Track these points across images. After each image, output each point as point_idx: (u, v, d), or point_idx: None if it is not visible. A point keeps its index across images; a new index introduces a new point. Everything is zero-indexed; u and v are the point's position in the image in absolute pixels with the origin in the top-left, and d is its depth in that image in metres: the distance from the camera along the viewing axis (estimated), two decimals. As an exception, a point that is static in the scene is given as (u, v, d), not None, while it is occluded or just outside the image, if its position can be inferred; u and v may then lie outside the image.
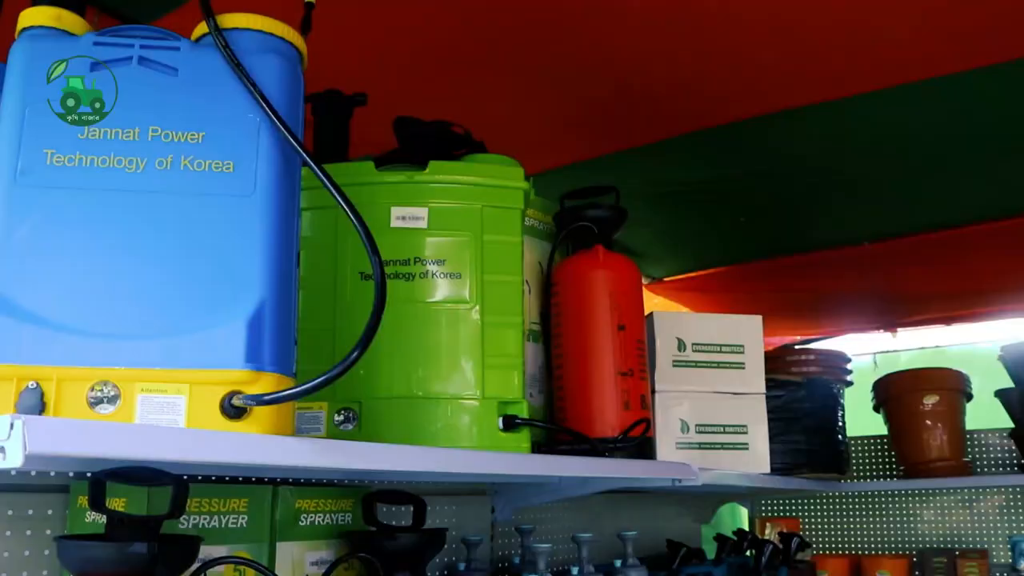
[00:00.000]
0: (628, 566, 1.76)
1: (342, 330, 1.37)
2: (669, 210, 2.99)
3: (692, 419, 2.12)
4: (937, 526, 3.76)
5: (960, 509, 3.73)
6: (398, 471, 1.10)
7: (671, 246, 3.34)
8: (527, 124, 2.33)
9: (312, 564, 1.30)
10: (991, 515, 3.69)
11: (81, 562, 0.96)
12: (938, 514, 3.76)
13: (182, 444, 0.85)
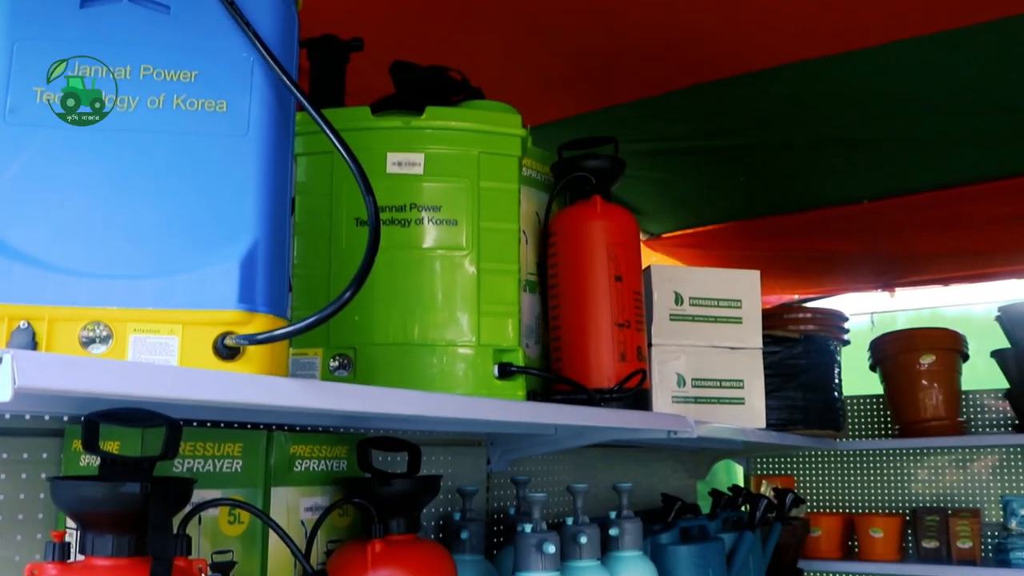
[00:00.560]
0: (623, 518, 1.76)
1: (337, 276, 1.36)
2: (668, 166, 2.97)
3: (688, 373, 2.11)
4: (930, 485, 3.78)
5: (953, 469, 3.75)
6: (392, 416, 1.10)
7: (669, 202, 3.33)
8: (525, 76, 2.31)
9: (307, 510, 1.30)
10: (984, 475, 3.71)
11: (74, 502, 0.96)
12: (931, 473, 3.79)
13: (174, 382, 0.84)
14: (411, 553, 1.24)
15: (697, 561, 1.94)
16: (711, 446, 2.98)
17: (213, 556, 1.19)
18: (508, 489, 2.05)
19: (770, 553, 2.40)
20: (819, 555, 3.54)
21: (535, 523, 1.48)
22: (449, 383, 1.33)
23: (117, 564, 0.95)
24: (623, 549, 1.74)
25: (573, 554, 1.59)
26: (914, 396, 3.49)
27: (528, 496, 1.50)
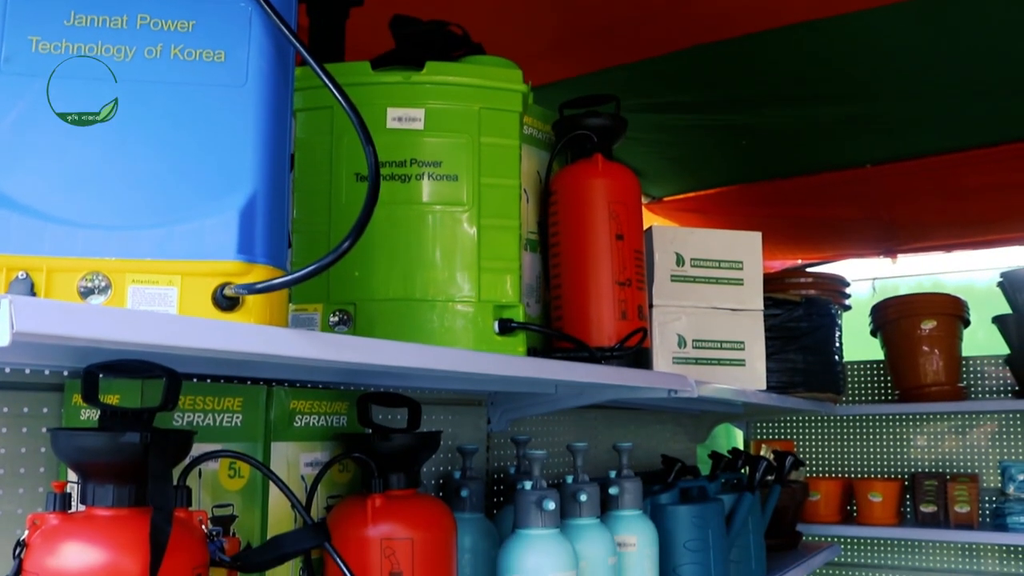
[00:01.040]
0: (623, 477, 1.76)
1: (337, 232, 1.35)
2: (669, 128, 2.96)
3: (689, 334, 2.11)
4: (929, 451, 3.80)
5: (952, 434, 3.77)
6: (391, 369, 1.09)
7: (671, 165, 3.32)
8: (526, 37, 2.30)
9: (307, 465, 1.30)
10: (983, 441, 3.72)
11: (75, 452, 0.96)
12: (931, 439, 3.80)
13: (173, 329, 0.84)
14: (411, 508, 1.24)
15: (696, 521, 1.94)
16: (711, 409, 2.99)
17: (213, 510, 1.19)
18: (508, 449, 2.06)
19: (769, 515, 2.41)
20: (818, 519, 3.56)
21: (535, 480, 1.49)
22: (449, 339, 1.33)
23: (118, 514, 0.95)
24: (623, 508, 1.75)
25: (573, 512, 1.60)
26: (914, 361, 3.49)
27: (528, 453, 1.50)
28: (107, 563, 0.90)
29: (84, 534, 0.93)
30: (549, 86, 2.41)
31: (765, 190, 3.50)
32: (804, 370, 2.60)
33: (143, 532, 0.91)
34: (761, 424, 4.03)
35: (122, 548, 0.91)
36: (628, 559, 1.70)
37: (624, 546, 1.70)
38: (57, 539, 0.92)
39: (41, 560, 0.91)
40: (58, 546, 0.91)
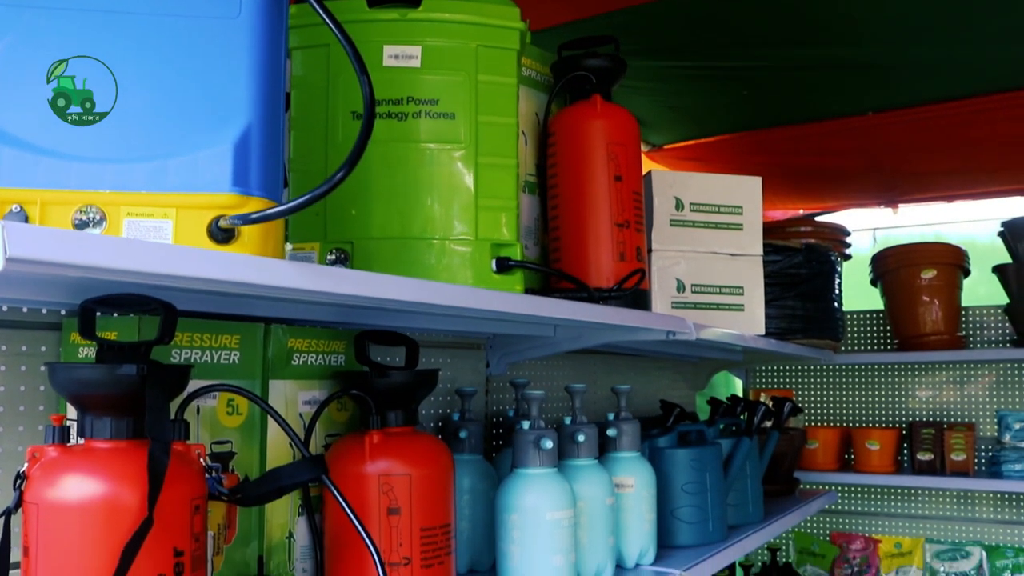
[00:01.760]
0: (621, 419, 1.77)
1: (334, 170, 1.34)
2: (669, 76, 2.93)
3: (688, 279, 2.11)
4: (927, 400, 3.81)
5: (951, 384, 3.78)
6: (388, 303, 1.09)
7: (671, 113, 3.29)
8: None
9: (305, 403, 1.31)
10: (980, 390, 3.74)
11: (72, 385, 0.96)
12: (929, 388, 3.81)
13: (169, 258, 0.83)
14: (408, 444, 1.25)
15: (694, 464, 1.95)
16: (710, 356, 3.00)
17: (212, 446, 1.20)
18: (507, 393, 2.06)
19: (767, 460, 2.42)
20: (815, 467, 3.59)
21: (533, 420, 1.49)
22: (446, 278, 1.33)
23: (116, 446, 0.96)
24: (621, 450, 1.75)
25: (571, 453, 1.61)
26: (914, 310, 3.49)
27: (526, 394, 1.50)
28: (106, 494, 0.91)
29: (83, 466, 0.93)
30: (548, 30, 2.38)
31: (766, 138, 3.47)
32: (803, 317, 2.60)
33: (141, 463, 0.92)
34: (760, 372, 4.04)
35: (120, 479, 0.92)
36: (626, 500, 1.71)
37: (622, 487, 1.71)
38: (56, 471, 0.92)
39: (41, 491, 0.92)
40: (57, 477, 0.92)
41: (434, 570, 1.23)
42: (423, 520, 1.22)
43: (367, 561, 1.20)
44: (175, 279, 0.88)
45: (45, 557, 0.90)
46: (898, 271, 3.50)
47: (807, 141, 3.47)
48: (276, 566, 1.27)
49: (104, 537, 0.89)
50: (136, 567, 0.89)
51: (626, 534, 1.72)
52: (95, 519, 0.90)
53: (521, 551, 1.44)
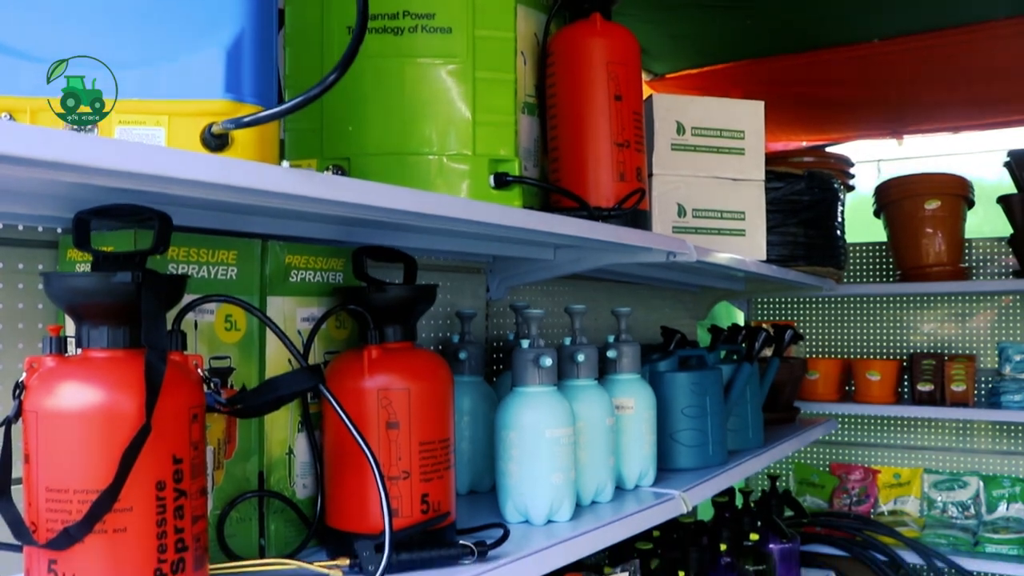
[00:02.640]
0: (622, 341, 1.77)
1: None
2: (671, 4, 2.88)
3: (689, 204, 2.10)
4: (929, 332, 3.82)
5: (952, 315, 3.78)
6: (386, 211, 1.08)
7: (673, 41, 3.24)
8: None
9: (303, 320, 1.31)
10: (982, 322, 3.74)
11: (68, 294, 0.96)
12: (930, 320, 3.81)
13: (162, 159, 0.83)
14: (407, 359, 1.25)
15: (695, 388, 1.96)
16: (711, 284, 2.99)
17: (211, 361, 1.20)
18: (507, 318, 2.07)
19: (767, 387, 2.43)
20: (816, 397, 3.60)
21: (532, 339, 1.49)
22: (444, 193, 1.32)
23: (113, 356, 0.96)
24: (621, 372, 1.76)
25: (571, 373, 1.61)
26: (917, 241, 3.47)
27: (526, 313, 1.50)
28: (104, 401, 0.91)
29: (80, 374, 0.93)
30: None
31: (769, 67, 3.42)
32: (805, 244, 2.58)
33: (138, 372, 0.92)
34: (761, 303, 4.03)
35: (118, 387, 0.92)
36: (626, 422, 1.72)
37: (622, 409, 1.72)
38: (54, 380, 0.93)
39: (39, 400, 0.92)
40: (55, 386, 0.92)
41: (433, 484, 1.24)
42: (422, 434, 1.22)
43: (367, 475, 1.21)
44: (169, 182, 0.87)
45: (46, 464, 0.91)
46: (902, 202, 3.48)
47: (811, 70, 3.42)
48: (276, 481, 1.28)
49: (103, 444, 0.90)
50: (135, 473, 0.90)
51: (626, 455, 1.73)
52: (93, 426, 0.90)
53: (520, 469, 1.45)
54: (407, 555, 1.18)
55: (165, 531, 0.92)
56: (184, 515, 0.94)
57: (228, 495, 1.22)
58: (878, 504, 3.78)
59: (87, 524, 0.89)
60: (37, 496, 0.91)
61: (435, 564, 1.20)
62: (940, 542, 3.35)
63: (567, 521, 1.48)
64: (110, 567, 0.90)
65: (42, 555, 0.91)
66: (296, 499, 1.30)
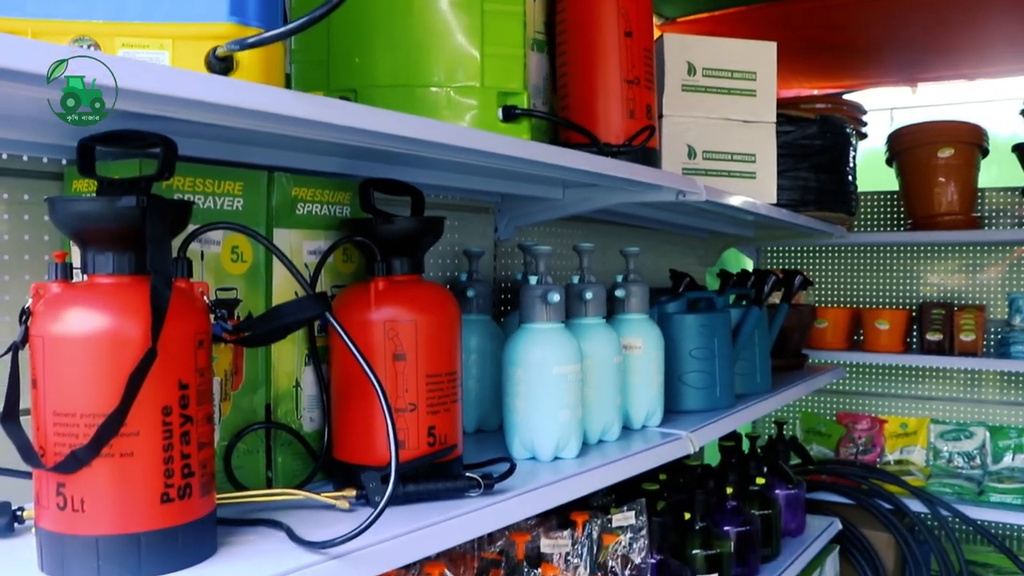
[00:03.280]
0: (630, 281, 1.76)
1: (337, 18, 1.30)
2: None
3: (699, 145, 2.08)
4: (939, 283, 3.80)
5: (963, 265, 3.75)
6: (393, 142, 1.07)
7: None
8: None
9: (310, 253, 1.30)
10: (993, 273, 3.71)
11: (73, 219, 0.95)
12: (940, 270, 3.79)
13: (167, 79, 0.82)
14: (414, 291, 1.24)
15: (703, 330, 1.95)
16: (720, 230, 2.97)
17: (217, 293, 1.19)
18: (515, 258, 2.06)
19: (776, 332, 2.42)
20: (824, 345, 3.59)
21: (540, 276, 1.48)
22: (452, 126, 1.31)
23: (119, 282, 0.95)
24: (629, 312, 1.75)
25: (579, 312, 1.60)
26: (929, 190, 3.44)
27: (533, 249, 1.49)
28: (109, 326, 0.91)
29: (86, 300, 0.93)
30: None
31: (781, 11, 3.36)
32: (816, 189, 2.56)
33: (143, 297, 0.92)
34: (771, 251, 4.01)
35: (123, 312, 0.91)
36: (634, 361, 1.72)
37: (630, 349, 1.72)
38: (60, 305, 0.92)
39: (45, 325, 0.92)
40: (61, 312, 0.92)
41: (440, 416, 1.24)
42: (429, 367, 1.22)
43: (374, 407, 1.21)
44: (176, 103, 0.86)
45: (53, 388, 0.91)
46: (915, 149, 3.44)
47: (825, 14, 3.36)
48: (283, 414, 1.28)
49: (109, 368, 0.90)
50: (141, 398, 0.90)
51: (633, 395, 1.73)
52: (99, 351, 0.90)
53: (527, 405, 1.45)
54: (413, 487, 1.19)
55: (171, 456, 0.93)
56: (190, 441, 0.95)
57: (235, 426, 1.22)
58: (884, 454, 3.79)
59: (94, 447, 0.89)
60: (45, 420, 0.91)
61: (441, 496, 1.21)
62: (945, 491, 3.36)
63: (573, 458, 1.49)
64: (117, 491, 0.90)
65: (51, 479, 0.91)
66: (303, 432, 1.30)
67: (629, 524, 1.73)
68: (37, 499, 0.93)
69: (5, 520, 1.05)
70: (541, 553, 1.58)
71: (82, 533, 0.90)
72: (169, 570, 0.92)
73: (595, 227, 2.42)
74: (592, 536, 1.64)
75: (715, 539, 2.13)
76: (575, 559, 1.60)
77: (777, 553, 2.52)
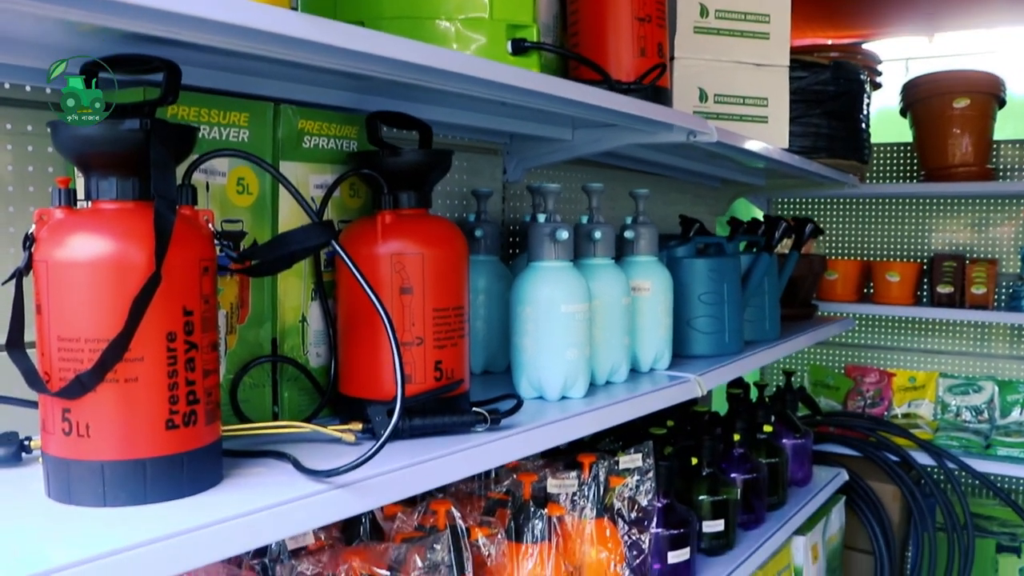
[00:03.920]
0: (639, 223, 1.75)
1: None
2: None
3: (711, 88, 2.05)
4: (950, 235, 3.76)
5: (975, 219, 3.72)
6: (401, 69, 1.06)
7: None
8: None
9: (316, 187, 1.29)
10: (1006, 227, 3.68)
11: (76, 143, 0.93)
12: (953, 222, 3.76)
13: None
14: (421, 225, 1.23)
15: (712, 275, 1.94)
16: (731, 178, 2.94)
17: (222, 225, 1.18)
18: (524, 201, 2.04)
19: (786, 280, 2.41)
20: (834, 298, 3.58)
21: (549, 214, 1.47)
22: (460, 57, 1.28)
23: (123, 207, 0.94)
24: (638, 254, 1.74)
25: (587, 252, 1.59)
26: (943, 141, 3.40)
27: (542, 187, 1.48)
28: (113, 251, 0.90)
29: (90, 225, 0.92)
30: None
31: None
32: (828, 136, 2.53)
33: (148, 223, 0.90)
34: (782, 202, 3.97)
35: (127, 237, 0.90)
36: (642, 303, 1.71)
37: (638, 290, 1.71)
38: (64, 231, 0.91)
39: (49, 250, 0.91)
40: (65, 237, 0.91)
41: (447, 351, 1.23)
42: (436, 301, 1.21)
43: (380, 341, 1.20)
44: (179, 21, 0.85)
45: (57, 314, 0.90)
46: (930, 99, 3.39)
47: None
48: (290, 349, 1.28)
49: (113, 293, 0.89)
50: (146, 324, 0.89)
51: (641, 337, 1.72)
52: (103, 275, 0.89)
53: (535, 344, 1.44)
54: (420, 421, 1.18)
55: (176, 382, 0.92)
56: (195, 368, 0.94)
57: (241, 360, 1.22)
58: (892, 407, 3.79)
59: (98, 372, 0.88)
60: (49, 346, 0.91)
61: (448, 430, 1.20)
62: (952, 444, 3.36)
63: (581, 398, 1.48)
64: (122, 416, 0.90)
65: (56, 404, 0.91)
66: (310, 367, 1.29)
67: (636, 466, 1.73)
68: (43, 425, 0.93)
69: (13, 449, 1.05)
70: (548, 493, 1.58)
71: (88, 458, 0.90)
72: (174, 496, 0.92)
73: (604, 171, 2.39)
74: (599, 478, 1.64)
75: (722, 485, 2.14)
76: (581, 500, 1.61)
77: (783, 501, 2.53)
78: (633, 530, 1.71)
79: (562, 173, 2.20)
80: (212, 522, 0.86)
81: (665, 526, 1.88)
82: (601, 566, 1.60)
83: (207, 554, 0.85)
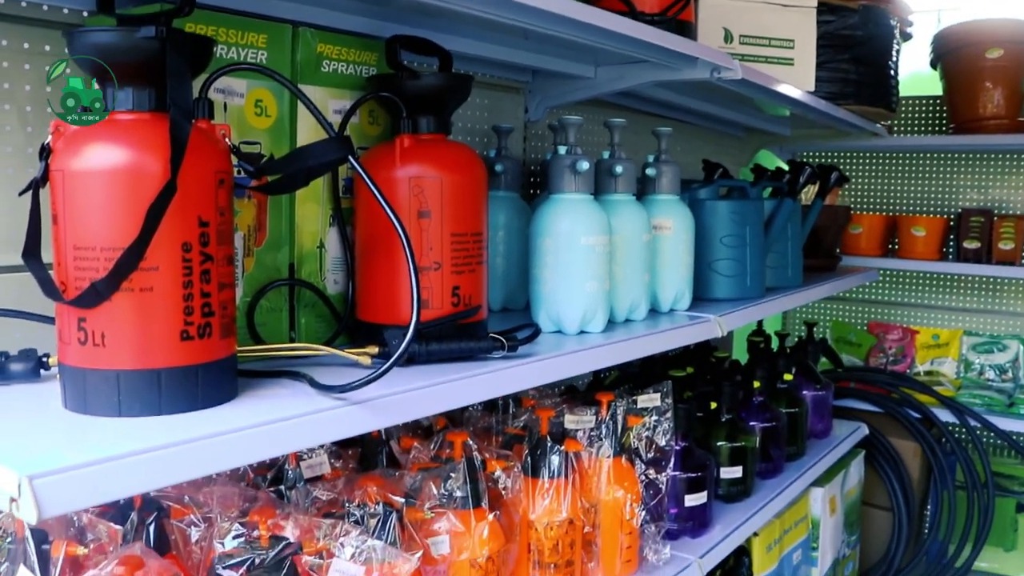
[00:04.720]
0: (661, 161, 1.73)
1: None
2: None
3: (736, 29, 2.02)
4: (979, 190, 3.70)
5: (1006, 172, 3.65)
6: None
7: None
8: None
9: (335, 112, 1.27)
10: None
11: (92, 51, 0.92)
12: (982, 177, 3.69)
13: None
14: (440, 150, 1.22)
15: (735, 218, 1.92)
16: (755, 124, 2.90)
17: (240, 146, 1.17)
18: (545, 140, 2.02)
19: (808, 228, 2.38)
20: (859, 251, 3.53)
21: (570, 147, 1.45)
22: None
23: (139, 117, 0.93)
24: (660, 192, 1.72)
25: (608, 188, 1.57)
26: (975, 93, 3.33)
27: (564, 119, 1.46)
28: (128, 160, 0.89)
29: (106, 135, 0.91)
30: None
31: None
32: (856, 81, 2.48)
33: (163, 134, 0.90)
34: (806, 155, 3.90)
35: (142, 146, 0.90)
36: (663, 242, 1.69)
37: (660, 229, 1.69)
38: (80, 141, 0.91)
39: (65, 160, 0.90)
40: (81, 147, 0.90)
41: (464, 277, 1.22)
42: (454, 225, 1.20)
43: (398, 266, 1.20)
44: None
45: (72, 223, 0.90)
46: (961, 50, 3.32)
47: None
48: (307, 275, 1.27)
49: (128, 202, 0.88)
50: (161, 233, 0.89)
51: (662, 276, 1.70)
52: (119, 184, 0.89)
53: (554, 275, 1.43)
54: (437, 346, 1.18)
55: (191, 293, 0.92)
56: (211, 279, 0.93)
57: (258, 283, 1.21)
58: (914, 364, 3.75)
59: (114, 280, 0.88)
60: (65, 255, 0.91)
61: (465, 356, 1.20)
62: (975, 402, 3.33)
63: (600, 332, 1.47)
64: (137, 326, 0.90)
65: (72, 313, 0.91)
66: (327, 293, 1.29)
67: (654, 406, 1.72)
68: (60, 335, 0.93)
69: (31, 365, 1.06)
70: (565, 429, 1.57)
71: (103, 367, 0.90)
72: (188, 408, 0.92)
73: (626, 113, 2.36)
74: (616, 417, 1.64)
75: (740, 432, 2.13)
76: (599, 439, 1.60)
77: (802, 452, 2.52)
78: (650, 470, 1.71)
79: (584, 112, 2.18)
80: (228, 430, 0.86)
81: (683, 469, 1.87)
82: (617, 504, 1.60)
83: (221, 461, 0.85)
